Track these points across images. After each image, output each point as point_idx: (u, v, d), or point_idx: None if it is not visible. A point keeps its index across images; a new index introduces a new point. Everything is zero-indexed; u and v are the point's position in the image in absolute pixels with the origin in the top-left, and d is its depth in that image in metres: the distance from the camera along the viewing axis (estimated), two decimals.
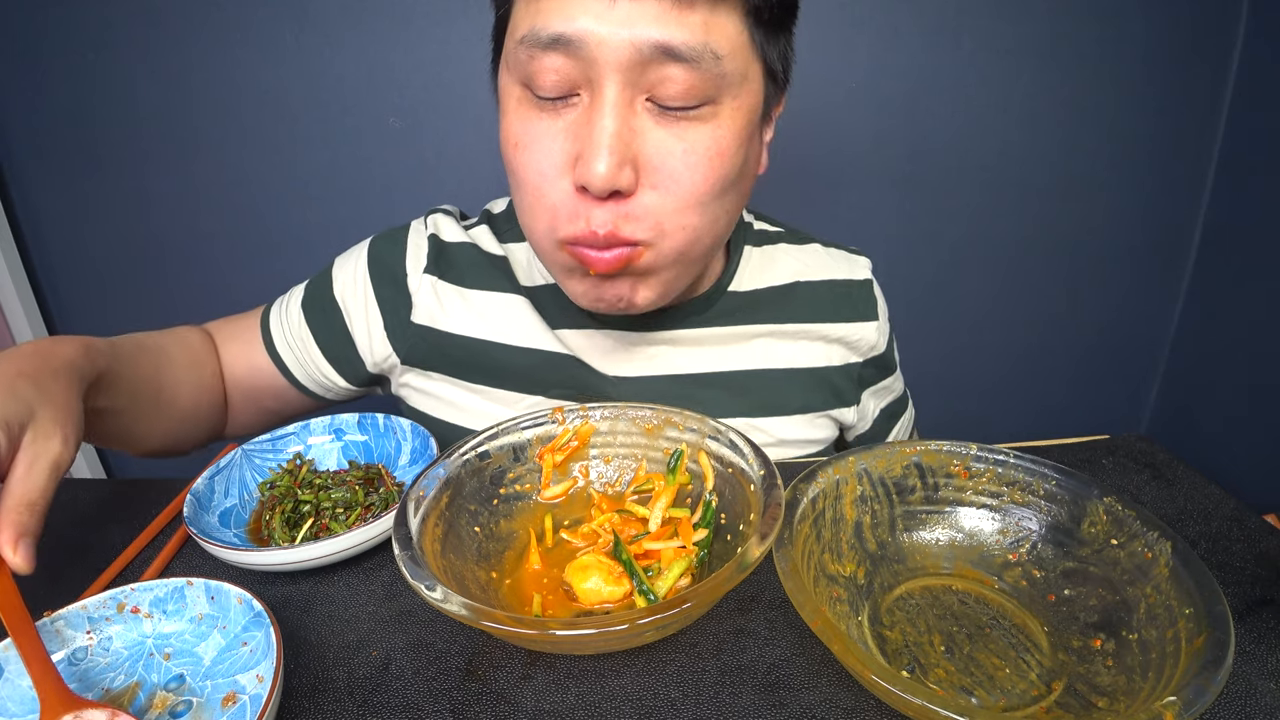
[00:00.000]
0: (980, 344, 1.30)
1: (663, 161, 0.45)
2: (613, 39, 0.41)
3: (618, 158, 0.43)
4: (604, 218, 0.45)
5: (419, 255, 0.61)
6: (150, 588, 0.41)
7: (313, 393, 0.66)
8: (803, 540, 0.42)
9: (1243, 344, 1.13)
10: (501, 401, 0.61)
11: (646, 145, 0.44)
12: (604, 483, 0.53)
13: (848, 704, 0.38)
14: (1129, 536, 0.42)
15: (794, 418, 0.63)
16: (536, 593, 0.45)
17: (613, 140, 0.43)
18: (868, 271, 0.66)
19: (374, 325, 0.62)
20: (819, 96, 1.11)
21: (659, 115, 0.44)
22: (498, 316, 0.60)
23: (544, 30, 0.42)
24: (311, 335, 0.63)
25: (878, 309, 0.65)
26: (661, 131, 0.45)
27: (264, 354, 0.64)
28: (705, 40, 0.42)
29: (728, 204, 0.49)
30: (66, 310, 1.27)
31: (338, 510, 0.54)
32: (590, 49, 0.42)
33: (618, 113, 0.43)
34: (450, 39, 1.06)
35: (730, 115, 0.46)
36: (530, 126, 0.46)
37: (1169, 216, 1.21)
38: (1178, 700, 0.31)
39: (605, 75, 0.42)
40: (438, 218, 0.63)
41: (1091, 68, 1.10)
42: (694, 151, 0.45)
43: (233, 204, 1.17)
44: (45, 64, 1.08)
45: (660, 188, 0.45)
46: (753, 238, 0.64)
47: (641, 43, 0.41)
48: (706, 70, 0.43)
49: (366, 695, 0.40)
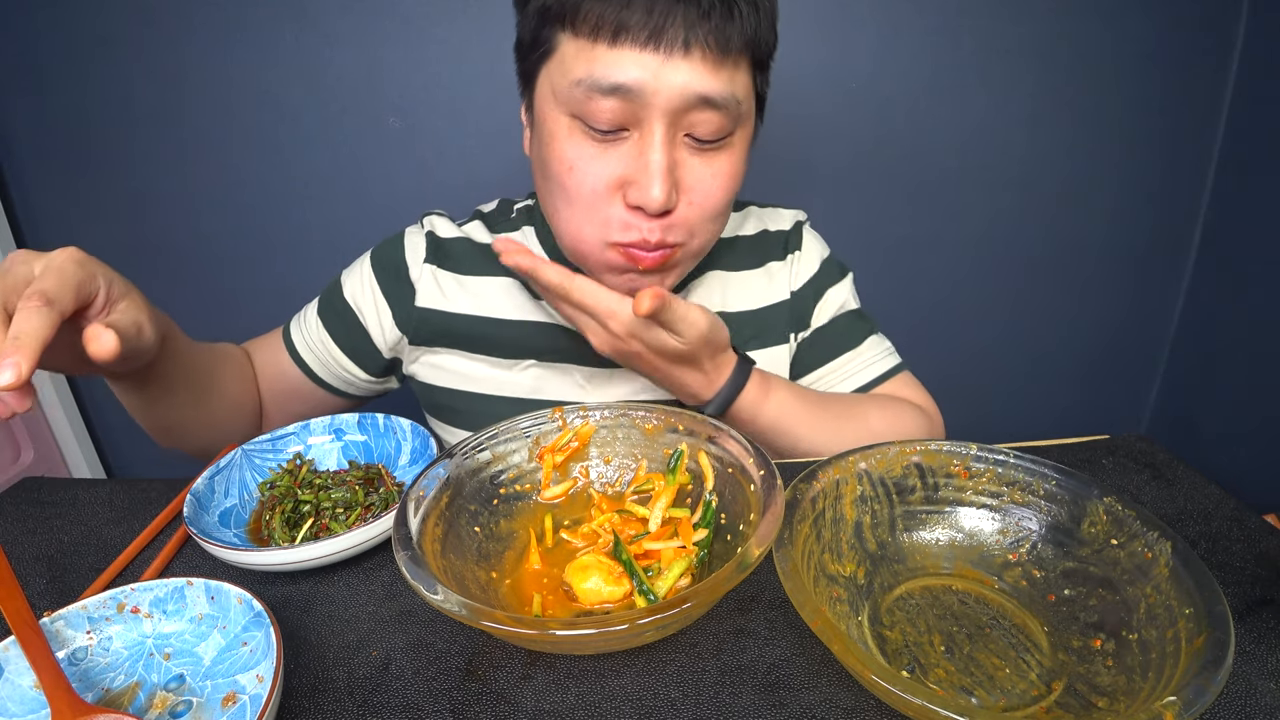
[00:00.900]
0: (980, 344, 1.30)
1: (696, 183, 0.56)
2: (665, 90, 0.51)
3: (669, 185, 0.53)
4: (654, 229, 0.55)
5: (418, 249, 0.70)
6: (150, 588, 0.41)
7: (335, 388, 0.74)
8: (803, 540, 0.42)
9: (1243, 344, 1.13)
10: (500, 366, 0.70)
11: (685, 172, 0.55)
12: (604, 483, 0.53)
13: (848, 704, 0.38)
14: (1129, 536, 0.42)
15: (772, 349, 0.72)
16: (536, 593, 0.45)
17: (664, 172, 0.53)
18: (797, 219, 0.75)
19: (384, 316, 0.70)
20: (819, 97, 1.11)
21: (694, 148, 0.55)
22: (491, 297, 0.69)
23: (605, 80, 0.50)
24: (330, 336, 0.71)
25: (803, 243, 0.73)
26: (696, 161, 0.55)
27: (289, 360, 0.72)
28: (732, 90, 0.52)
29: (731, 209, 0.61)
30: None
31: (338, 510, 0.54)
32: (646, 97, 0.51)
33: (666, 149, 0.53)
34: (450, 39, 1.06)
35: (740, 142, 0.57)
36: (583, 152, 0.54)
37: (1169, 216, 1.21)
38: (1178, 700, 0.31)
39: (655, 118, 0.52)
40: (433, 218, 0.72)
41: (1092, 68, 1.10)
42: (719, 174, 0.56)
43: (232, 204, 1.17)
44: (45, 64, 1.08)
45: (694, 203, 0.56)
46: None
47: (688, 94, 0.51)
48: (731, 112, 0.53)
49: (366, 695, 0.40)
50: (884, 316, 0.87)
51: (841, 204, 1.18)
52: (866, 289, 0.76)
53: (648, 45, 0.49)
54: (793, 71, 1.09)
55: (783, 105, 1.11)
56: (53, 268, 0.42)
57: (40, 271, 0.42)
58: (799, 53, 1.08)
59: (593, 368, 0.69)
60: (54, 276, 0.42)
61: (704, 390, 0.60)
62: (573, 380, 0.69)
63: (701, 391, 0.60)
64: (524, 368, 0.69)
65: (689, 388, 0.60)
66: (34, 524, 0.57)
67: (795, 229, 0.73)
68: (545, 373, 0.69)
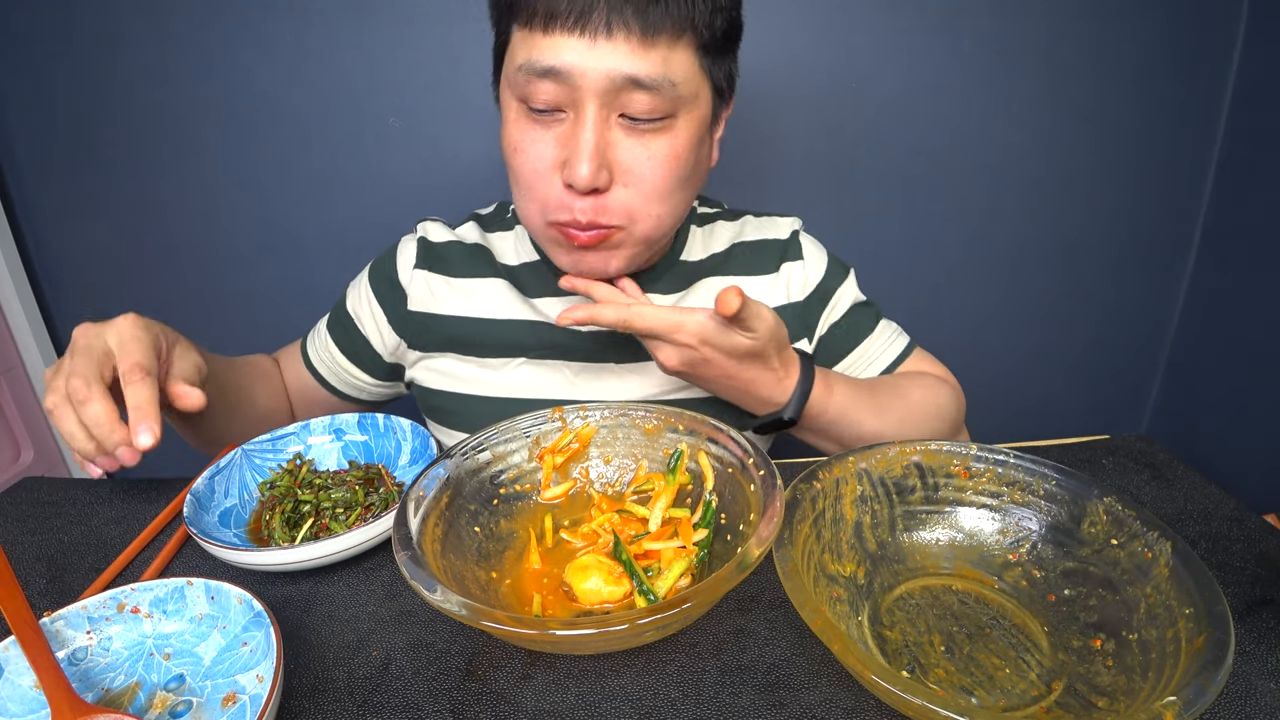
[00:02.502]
0: (980, 344, 1.30)
1: (632, 165, 0.56)
2: (592, 72, 0.52)
3: (596, 164, 0.54)
4: (585, 208, 0.56)
5: (409, 256, 0.72)
6: (150, 588, 0.41)
7: (347, 395, 0.78)
8: (803, 540, 0.42)
9: (1243, 344, 1.13)
10: (490, 367, 0.70)
11: (619, 152, 0.56)
12: (604, 483, 0.53)
13: (848, 704, 0.38)
14: (1129, 536, 0.42)
15: None
16: (536, 593, 0.45)
17: (592, 150, 0.54)
18: (794, 227, 0.74)
19: (380, 322, 0.73)
20: (819, 96, 1.11)
21: (629, 128, 0.55)
22: (481, 297, 0.71)
23: (539, 62, 0.53)
24: (335, 345, 0.75)
25: (804, 252, 0.73)
26: (631, 141, 0.56)
27: (305, 369, 0.77)
28: (664, 71, 0.53)
29: (685, 194, 0.61)
30: (66, 310, 1.26)
31: (338, 510, 0.54)
32: (575, 79, 0.52)
33: (596, 128, 0.54)
34: (450, 39, 1.06)
35: (685, 125, 0.57)
36: (527, 134, 0.57)
37: (1169, 216, 1.20)
38: (1178, 700, 0.31)
39: (586, 99, 0.53)
40: (426, 224, 0.74)
41: (1092, 68, 1.10)
42: (656, 156, 0.56)
43: (232, 204, 1.17)
44: (45, 64, 1.08)
45: (631, 185, 0.57)
46: (696, 219, 0.74)
47: (614, 75, 0.52)
48: (665, 94, 0.54)
49: (366, 695, 0.40)
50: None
51: (841, 203, 1.18)
52: (866, 288, 0.76)
53: (574, 29, 0.51)
54: (792, 71, 1.09)
55: (782, 104, 1.11)
56: (129, 337, 0.51)
57: (119, 342, 0.50)
58: (799, 52, 1.08)
59: (581, 363, 0.69)
60: (137, 347, 0.50)
61: (777, 391, 0.59)
62: (563, 376, 0.69)
63: (774, 393, 0.59)
64: (514, 366, 0.70)
65: (761, 390, 0.58)
66: (34, 524, 0.57)
67: (793, 238, 0.73)
68: (535, 370, 0.69)
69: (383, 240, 0.76)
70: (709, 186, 0.71)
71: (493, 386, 0.70)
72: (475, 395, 0.70)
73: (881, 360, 0.74)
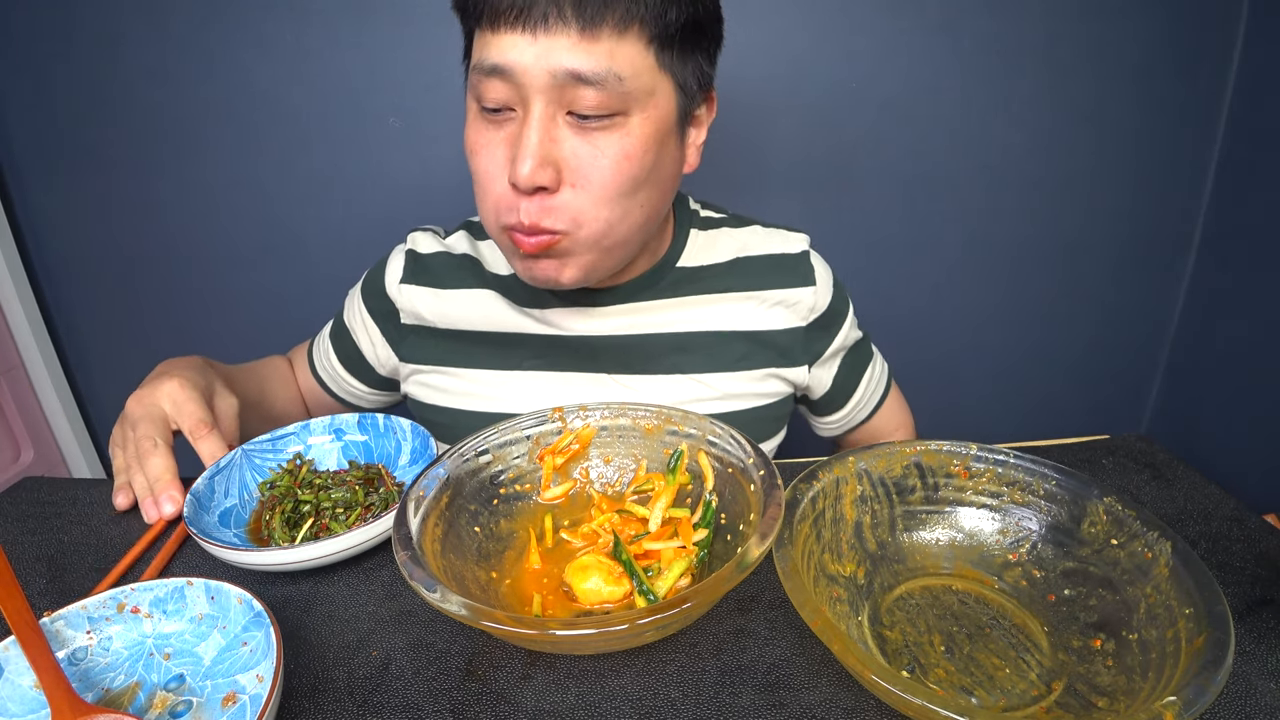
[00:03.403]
0: (980, 344, 1.30)
1: (579, 164, 0.54)
2: (534, 68, 0.51)
3: (538, 161, 0.52)
4: (530, 209, 0.54)
5: (396, 270, 0.71)
6: (150, 588, 0.41)
7: (346, 401, 0.80)
8: (803, 540, 0.42)
9: (1243, 344, 1.13)
10: (483, 382, 0.69)
11: (565, 151, 0.54)
12: (604, 483, 0.53)
13: (848, 704, 0.38)
14: (1129, 536, 0.42)
15: (736, 373, 0.69)
16: (536, 593, 0.45)
17: (535, 148, 0.52)
18: (804, 245, 0.71)
19: (374, 335, 0.73)
20: (819, 96, 1.11)
21: (577, 126, 0.53)
22: (470, 308, 0.69)
23: (485, 60, 0.52)
24: (335, 354, 0.77)
25: (815, 275, 0.70)
26: (578, 140, 0.53)
27: (310, 373, 0.80)
28: (609, 66, 0.51)
29: (642, 199, 0.57)
30: (66, 310, 1.27)
31: (338, 510, 0.54)
32: (518, 76, 0.51)
33: (541, 125, 0.52)
34: (450, 39, 1.05)
35: (639, 125, 0.54)
36: (481, 135, 0.56)
37: (1169, 216, 1.20)
38: (1178, 700, 0.31)
39: (532, 96, 0.52)
40: (415, 235, 0.73)
41: (1092, 68, 1.10)
42: (605, 155, 0.54)
43: (231, 204, 1.17)
44: (45, 64, 1.08)
45: (578, 186, 0.54)
46: (698, 223, 0.71)
47: (556, 70, 0.50)
48: (612, 90, 0.51)
49: (366, 695, 0.40)
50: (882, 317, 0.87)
51: (841, 203, 1.18)
52: (864, 288, 0.76)
53: (516, 25, 0.50)
54: (792, 72, 1.09)
55: (782, 105, 1.11)
56: (184, 398, 0.58)
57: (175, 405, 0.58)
58: (799, 53, 1.08)
59: (576, 373, 0.68)
60: (195, 405, 0.58)
61: None
62: (557, 389, 0.68)
63: None
64: (507, 379, 0.69)
65: None
66: (34, 524, 0.57)
67: (803, 257, 0.70)
68: (529, 382, 0.68)
69: (383, 240, 0.76)
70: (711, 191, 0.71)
71: (484, 400, 0.69)
72: (467, 410, 0.69)
73: (869, 403, 0.78)
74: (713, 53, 0.58)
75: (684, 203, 0.72)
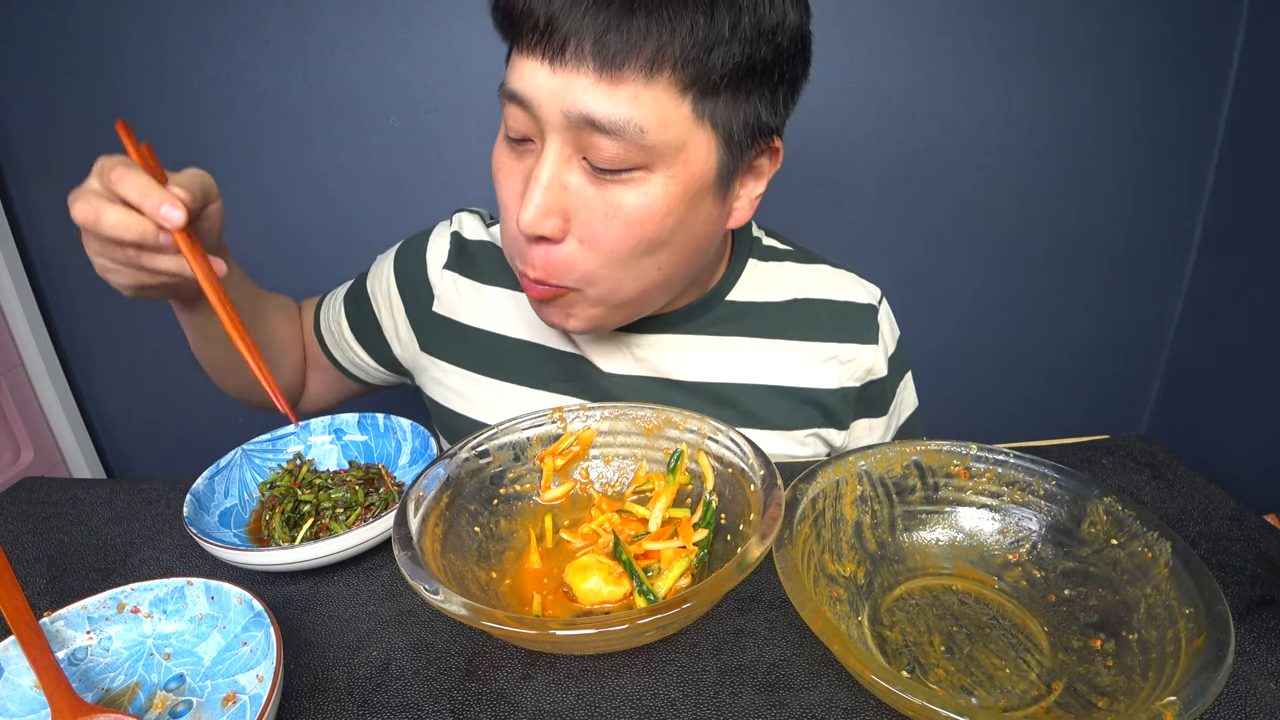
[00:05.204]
0: (980, 344, 1.30)
1: (589, 218, 0.48)
2: (550, 104, 0.45)
3: (542, 211, 0.47)
4: (535, 259, 0.50)
5: (440, 251, 0.66)
6: (150, 588, 0.41)
7: (346, 370, 0.73)
8: (803, 540, 0.42)
9: (1243, 344, 1.13)
10: (504, 395, 0.64)
11: (574, 200, 0.48)
12: (604, 483, 0.53)
13: (848, 704, 0.38)
14: (1129, 536, 0.42)
15: (777, 433, 0.63)
16: (536, 593, 0.45)
17: (542, 193, 0.47)
18: (873, 298, 0.65)
19: (398, 313, 0.68)
20: (819, 96, 1.10)
21: (592, 175, 0.47)
22: (510, 311, 0.64)
23: (508, 85, 0.47)
24: (346, 318, 0.70)
25: (879, 334, 0.63)
26: (592, 190, 0.47)
27: (313, 331, 0.72)
28: (630, 114, 0.44)
29: (660, 261, 0.51)
30: (66, 310, 1.26)
31: (338, 510, 0.54)
32: (535, 108, 0.46)
33: (553, 167, 0.47)
34: (450, 39, 1.06)
35: (662, 184, 0.47)
36: (503, 161, 0.51)
37: (1169, 216, 1.20)
38: (1178, 700, 0.31)
39: (549, 132, 0.46)
40: (463, 216, 0.68)
41: (1091, 67, 1.10)
42: (616, 215, 0.47)
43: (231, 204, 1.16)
44: (45, 64, 1.08)
45: (585, 242, 0.49)
46: (759, 251, 0.65)
47: (570, 110, 0.44)
48: (631, 141, 0.45)
49: (366, 695, 0.40)
50: None
51: (840, 203, 1.18)
52: None
53: (537, 49, 0.44)
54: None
55: None
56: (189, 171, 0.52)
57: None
58: None
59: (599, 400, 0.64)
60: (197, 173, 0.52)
61: None
62: None
63: None
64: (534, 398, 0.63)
65: None
66: (34, 524, 0.57)
67: (870, 311, 0.63)
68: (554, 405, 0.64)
69: (383, 240, 0.76)
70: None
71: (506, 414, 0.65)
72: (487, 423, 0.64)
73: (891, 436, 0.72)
74: (782, 97, 0.50)
75: (746, 227, 0.64)
